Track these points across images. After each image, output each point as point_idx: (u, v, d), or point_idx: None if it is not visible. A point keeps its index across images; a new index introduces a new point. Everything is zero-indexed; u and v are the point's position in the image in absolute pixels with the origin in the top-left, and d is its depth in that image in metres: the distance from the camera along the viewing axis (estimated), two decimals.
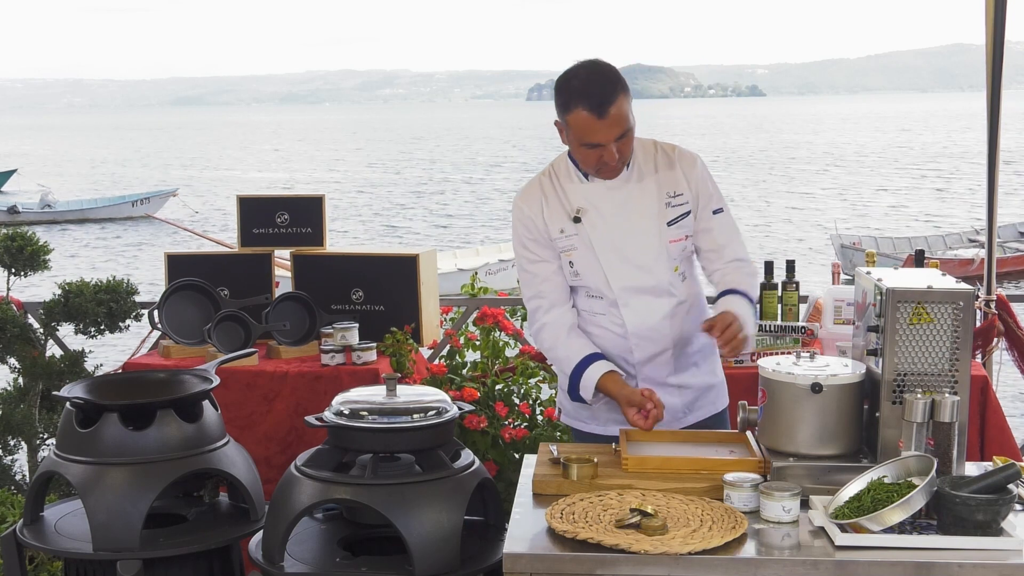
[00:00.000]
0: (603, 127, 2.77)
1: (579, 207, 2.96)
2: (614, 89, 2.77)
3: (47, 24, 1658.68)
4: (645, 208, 2.95)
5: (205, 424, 2.89)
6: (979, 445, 3.78)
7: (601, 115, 2.76)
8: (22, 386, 4.58)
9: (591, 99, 2.76)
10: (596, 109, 2.75)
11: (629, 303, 2.96)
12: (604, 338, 3.01)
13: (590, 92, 2.77)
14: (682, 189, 2.97)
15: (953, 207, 29.91)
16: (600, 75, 2.80)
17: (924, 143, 58.28)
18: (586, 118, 2.77)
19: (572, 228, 2.96)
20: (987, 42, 4.24)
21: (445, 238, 25.89)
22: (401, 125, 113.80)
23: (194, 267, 4.52)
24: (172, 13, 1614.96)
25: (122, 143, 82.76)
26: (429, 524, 2.51)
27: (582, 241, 2.96)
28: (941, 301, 2.46)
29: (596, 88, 2.77)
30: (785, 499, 2.33)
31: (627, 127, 2.80)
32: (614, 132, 2.79)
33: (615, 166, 2.88)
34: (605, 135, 2.79)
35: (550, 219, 2.98)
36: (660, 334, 2.99)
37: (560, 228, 2.97)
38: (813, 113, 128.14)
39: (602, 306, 3.00)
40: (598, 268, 2.96)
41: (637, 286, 2.96)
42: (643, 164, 2.97)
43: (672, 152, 3.01)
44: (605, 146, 2.80)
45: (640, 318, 2.97)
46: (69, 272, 18.56)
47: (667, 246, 2.96)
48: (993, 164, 4.37)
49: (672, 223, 2.96)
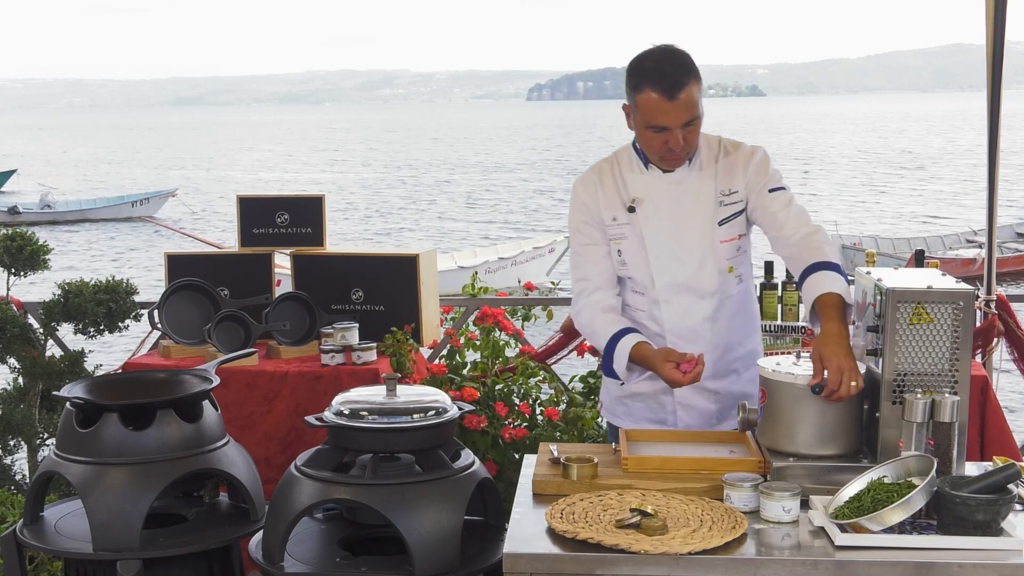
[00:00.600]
0: (672, 110, 2.75)
1: (635, 197, 2.94)
2: (687, 73, 2.75)
3: (47, 24, 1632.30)
4: (699, 205, 2.93)
5: (205, 424, 2.89)
6: (979, 445, 3.78)
7: (671, 97, 2.73)
8: (22, 386, 4.58)
9: (663, 81, 2.73)
10: (667, 91, 2.73)
11: (670, 301, 2.95)
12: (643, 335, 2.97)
13: (662, 73, 2.74)
14: (737, 186, 2.93)
15: (949, 208, 29.90)
16: (673, 58, 2.78)
17: (921, 144, 58.26)
18: (655, 100, 2.75)
19: (625, 217, 2.95)
20: (987, 42, 4.24)
21: (443, 238, 25.90)
22: (401, 125, 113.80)
23: (194, 267, 4.52)
24: (172, 13, 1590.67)
25: (122, 143, 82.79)
26: (429, 524, 2.51)
27: (633, 231, 2.94)
28: (941, 301, 2.46)
29: (668, 70, 2.74)
30: (785, 499, 2.33)
31: (695, 114, 2.78)
32: (682, 117, 2.76)
33: (679, 154, 2.84)
34: (673, 119, 2.76)
35: (604, 205, 2.97)
36: (699, 336, 2.96)
37: (613, 216, 2.96)
38: (812, 113, 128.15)
39: (642, 302, 2.99)
40: (645, 261, 2.94)
41: (680, 284, 2.94)
42: (705, 160, 2.95)
43: (735, 149, 2.98)
44: (671, 131, 2.78)
45: (679, 317, 2.95)
46: (69, 272, 18.57)
47: (717, 246, 2.93)
48: (993, 164, 4.37)
49: (723, 222, 2.93)
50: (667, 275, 2.94)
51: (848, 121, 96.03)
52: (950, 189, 34.98)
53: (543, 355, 4.56)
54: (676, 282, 2.94)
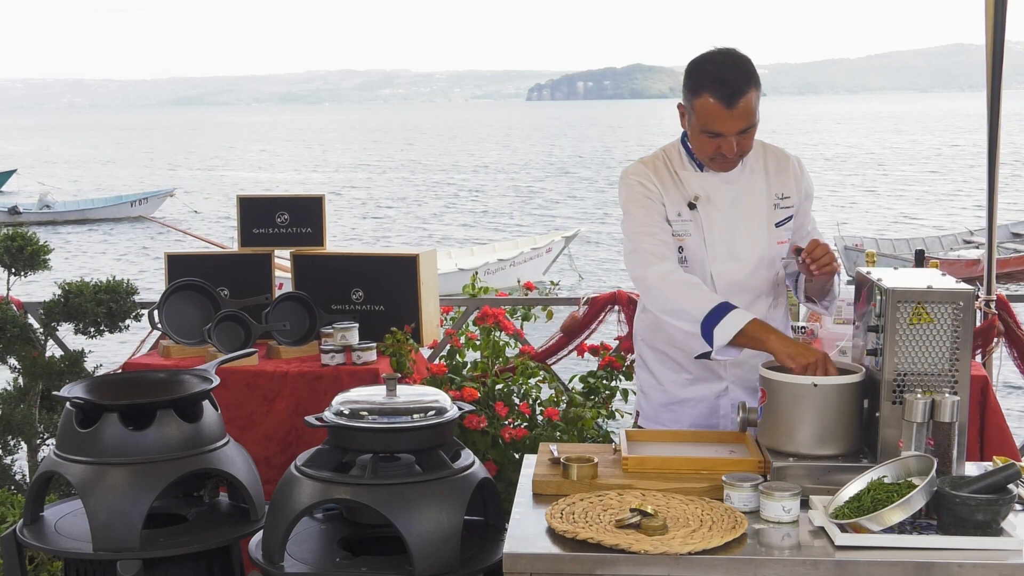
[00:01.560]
0: (729, 117, 2.74)
1: (696, 194, 2.92)
2: (747, 81, 2.74)
3: (47, 24, 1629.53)
4: (757, 206, 2.94)
5: (205, 424, 2.89)
6: (979, 445, 3.78)
7: (730, 105, 2.72)
8: (22, 386, 4.58)
9: (723, 87, 2.72)
10: (726, 98, 2.72)
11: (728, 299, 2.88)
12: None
13: (723, 80, 2.72)
14: (790, 192, 2.97)
15: (943, 209, 29.90)
16: (735, 64, 2.76)
17: (917, 144, 58.25)
18: (714, 106, 2.73)
19: (688, 214, 2.92)
20: (987, 42, 4.24)
21: (440, 238, 25.93)
22: (398, 125, 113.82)
23: (194, 267, 4.52)
24: (172, 13, 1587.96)
25: (122, 143, 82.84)
26: (429, 524, 2.51)
27: (696, 228, 2.92)
28: (941, 301, 2.46)
29: (730, 76, 2.73)
30: (785, 499, 2.33)
31: (752, 122, 2.78)
32: (739, 125, 2.75)
33: (732, 159, 2.84)
34: (729, 126, 2.75)
35: (668, 199, 2.93)
36: None
37: (677, 211, 2.92)
38: (812, 113, 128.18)
39: None
40: (705, 259, 2.92)
41: (739, 283, 2.93)
42: (754, 162, 2.96)
43: (781, 155, 3.01)
44: (726, 137, 2.77)
45: None
46: (69, 272, 18.58)
47: (774, 247, 2.95)
48: (993, 164, 4.37)
49: (780, 224, 2.96)
50: (726, 275, 2.93)
51: (843, 121, 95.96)
52: (943, 190, 34.97)
53: (543, 355, 4.56)
54: (735, 282, 2.93)
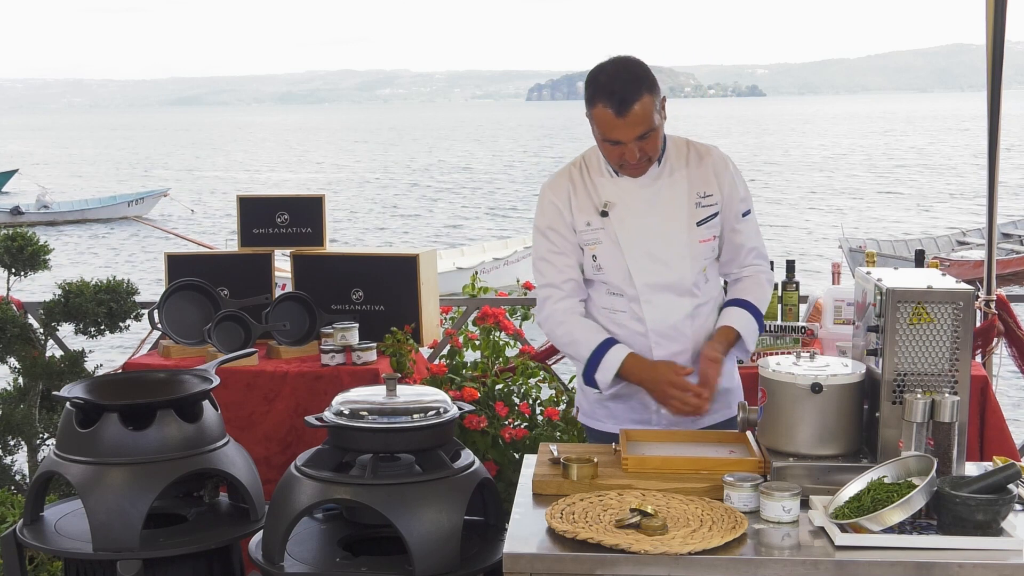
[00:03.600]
0: (623, 125, 2.77)
1: (607, 201, 2.95)
2: (638, 88, 2.76)
3: (47, 24, 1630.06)
4: (675, 206, 2.95)
5: (205, 424, 2.89)
6: (979, 445, 3.78)
7: (620, 113, 2.76)
8: (22, 386, 4.58)
9: (613, 96, 2.76)
10: (617, 107, 2.75)
11: (651, 300, 2.96)
12: (623, 336, 3.00)
13: (613, 90, 2.76)
14: (712, 190, 2.98)
15: (936, 209, 29.96)
16: (626, 72, 2.79)
17: (912, 145, 58.27)
18: (607, 115, 2.77)
19: (599, 222, 2.96)
20: (987, 42, 4.24)
21: (435, 239, 25.96)
22: (395, 126, 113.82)
23: (194, 267, 4.52)
24: (172, 13, 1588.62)
25: (121, 143, 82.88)
26: (429, 524, 2.51)
27: (608, 235, 2.95)
28: (941, 301, 2.46)
29: (619, 86, 2.76)
30: (785, 499, 2.33)
31: (650, 127, 2.79)
32: (635, 131, 2.78)
33: (636, 164, 2.87)
34: (625, 133, 2.79)
35: (577, 210, 2.98)
36: (680, 333, 2.99)
37: (587, 221, 2.97)
38: (812, 113, 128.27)
39: (623, 303, 2.99)
40: (622, 264, 2.95)
41: (660, 283, 2.95)
42: (675, 161, 2.98)
43: (705, 152, 3.01)
44: (625, 144, 2.81)
45: (661, 316, 2.97)
46: (69, 272, 18.59)
47: (696, 245, 2.96)
48: (993, 164, 4.37)
49: (701, 223, 2.96)
50: (646, 275, 2.95)
51: (838, 122, 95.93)
52: (937, 191, 34.98)
53: (543, 355, 4.55)
54: (656, 282, 2.96)
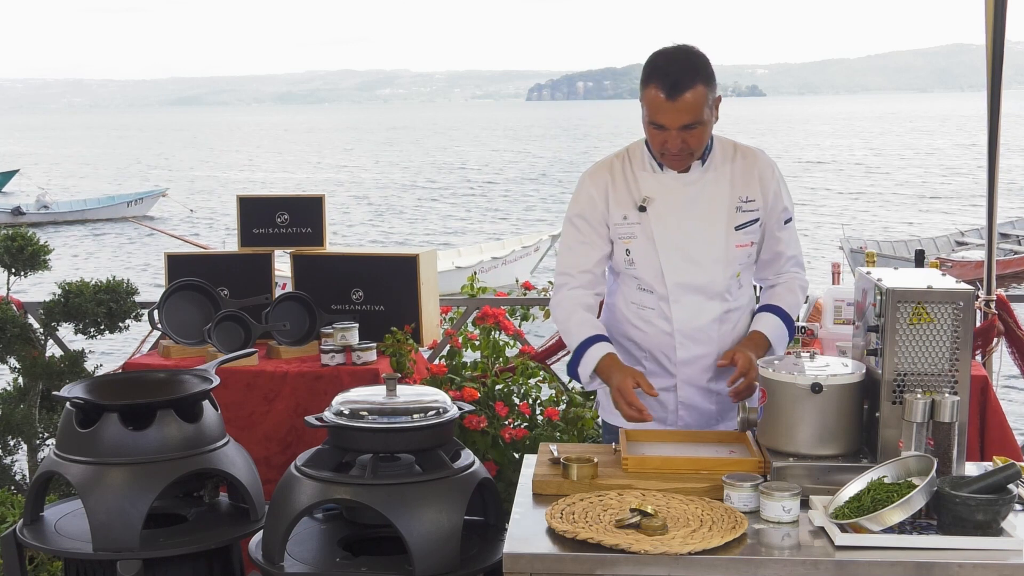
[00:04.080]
0: (671, 110, 2.74)
1: (647, 196, 2.93)
2: (694, 76, 2.74)
3: (47, 24, 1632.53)
4: (715, 208, 2.93)
5: (205, 424, 2.89)
6: (979, 445, 3.78)
7: (671, 97, 2.73)
8: (22, 386, 4.58)
9: (666, 79, 2.73)
10: (668, 90, 2.73)
11: (680, 300, 2.95)
12: (648, 333, 3.00)
13: (668, 72, 2.74)
14: (755, 195, 2.95)
15: (931, 211, 30.02)
16: (684, 59, 2.77)
17: (911, 145, 58.28)
18: (656, 96, 2.75)
19: (636, 216, 2.94)
20: (987, 42, 4.24)
21: (423, 239, 26.00)
22: (398, 126, 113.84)
23: (194, 267, 4.52)
24: (172, 13, 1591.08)
25: (121, 143, 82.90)
26: (429, 524, 2.51)
27: (644, 231, 2.93)
28: (941, 301, 2.46)
29: (675, 69, 2.74)
30: (785, 499, 2.33)
31: (697, 119, 2.77)
32: (681, 119, 2.75)
33: (677, 155, 2.84)
34: (671, 119, 2.76)
35: (614, 203, 2.96)
36: (707, 336, 2.97)
37: (623, 215, 2.95)
38: (812, 113, 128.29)
39: (652, 300, 2.98)
40: (655, 260, 2.93)
41: (691, 284, 2.94)
42: (720, 164, 2.95)
43: (752, 156, 2.99)
44: (669, 130, 2.78)
45: (689, 317, 2.96)
46: (69, 271, 18.60)
47: (732, 250, 2.94)
48: (993, 164, 4.37)
49: (740, 227, 2.94)
50: (678, 275, 2.94)
51: (834, 122, 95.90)
52: (930, 192, 35.01)
53: (543, 355, 4.56)
54: (686, 282, 2.94)
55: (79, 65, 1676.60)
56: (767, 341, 2.97)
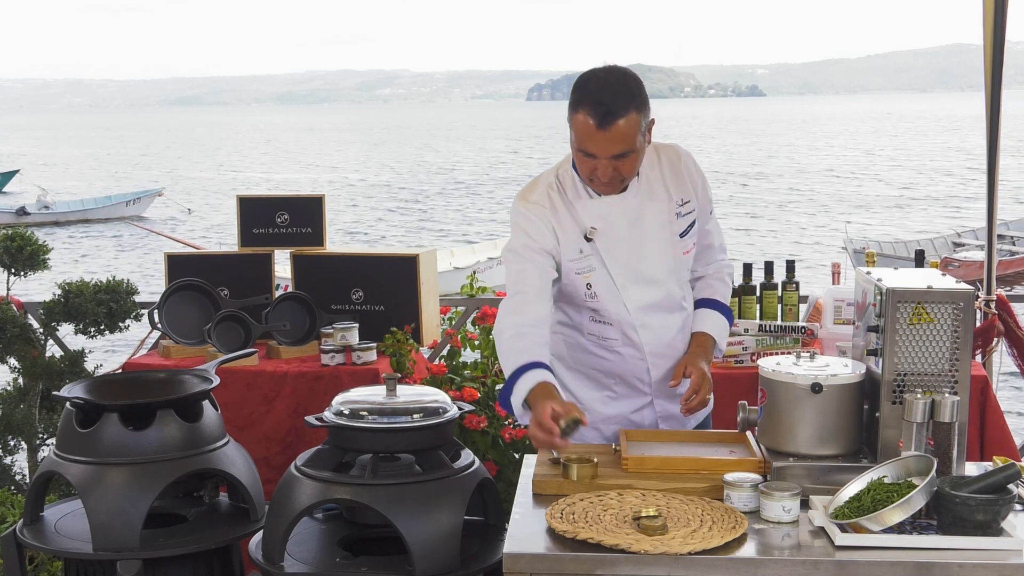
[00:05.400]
0: (602, 139, 2.61)
1: (591, 225, 2.79)
2: (627, 104, 2.60)
3: (47, 24, 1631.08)
4: (658, 222, 2.83)
5: (205, 424, 2.89)
6: (979, 445, 3.78)
7: (602, 126, 2.59)
8: (22, 386, 4.58)
9: (598, 107, 2.59)
10: (599, 119, 2.59)
11: (647, 323, 2.85)
12: (616, 361, 2.90)
13: (599, 100, 2.60)
14: (689, 196, 2.86)
15: (926, 212, 30.06)
16: (618, 84, 2.62)
17: (909, 146, 58.29)
18: (587, 124, 2.61)
19: (588, 248, 2.80)
20: (986, 42, 4.23)
21: (416, 240, 26.02)
22: (396, 126, 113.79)
23: (194, 267, 4.52)
24: (172, 13, 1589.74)
25: (121, 143, 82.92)
26: (429, 524, 2.51)
27: (598, 261, 2.81)
28: (941, 301, 2.46)
29: (607, 96, 2.59)
30: (785, 499, 2.33)
31: (629, 148, 2.64)
32: (612, 148, 2.63)
33: (607, 183, 2.71)
34: (602, 148, 2.63)
35: (564, 239, 2.79)
36: (674, 349, 2.91)
37: (578, 248, 2.80)
38: (813, 114, 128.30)
39: (613, 331, 2.87)
40: (614, 289, 2.82)
41: (652, 304, 2.85)
42: (650, 174, 2.84)
43: (674, 155, 2.88)
44: (599, 159, 2.65)
45: (657, 336, 2.88)
46: (70, 272, 18.61)
47: (680, 258, 2.87)
48: (993, 164, 4.36)
49: (684, 234, 2.86)
50: (638, 299, 2.84)
51: (829, 122, 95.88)
52: (924, 193, 35.04)
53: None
54: (648, 303, 2.85)
55: (79, 65, 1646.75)
56: (712, 340, 2.94)
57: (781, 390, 2.54)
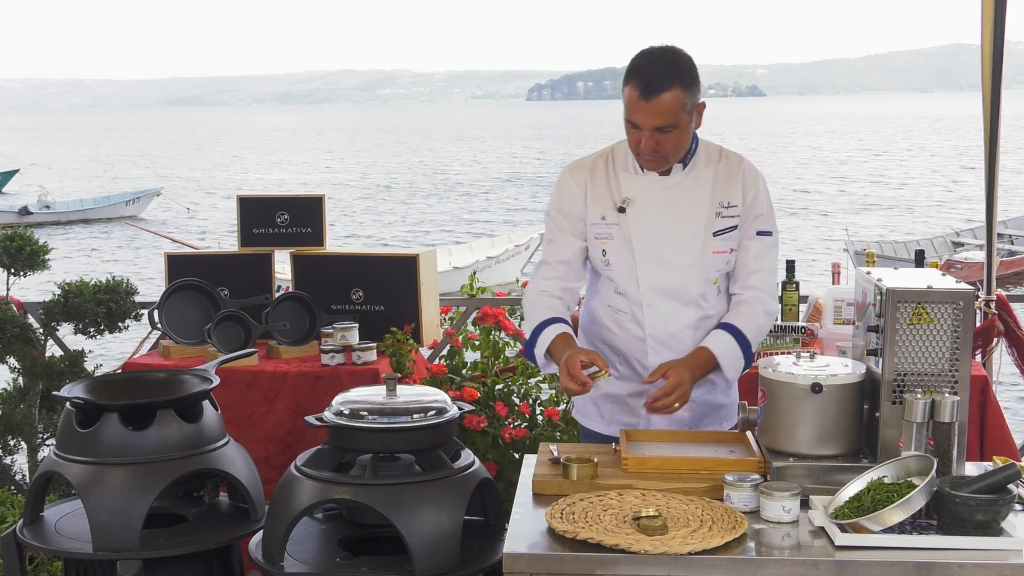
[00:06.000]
0: (644, 110, 2.72)
1: (627, 197, 2.89)
2: (672, 78, 2.71)
3: (47, 24, 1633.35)
4: (694, 212, 2.88)
5: (205, 424, 2.89)
6: (979, 445, 3.78)
7: (644, 96, 2.71)
8: (22, 386, 4.58)
9: (642, 79, 2.72)
10: (643, 89, 2.71)
11: (654, 305, 2.90)
12: (621, 337, 2.96)
13: (645, 72, 2.72)
14: (736, 201, 2.89)
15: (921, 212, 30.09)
16: (665, 61, 2.75)
17: (908, 146, 58.28)
18: (632, 95, 2.74)
19: (614, 217, 2.90)
20: (986, 42, 4.23)
21: (411, 239, 26.05)
22: (394, 126, 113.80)
23: (194, 267, 4.52)
24: (172, 13, 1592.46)
25: (121, 143, 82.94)
26: (429, 524, 2.51)
27: (621, 232, 2.89)
28: (941, 301, 2.46)
29: (652, 70, 2.72)
30: (785, 499, 2.33)
31: (671, 122, 2.73)
32: (655, 120, 2.73)
33: (650, 156, 2.81)
34: (644, 119, 2.74)
35: (592, 202, 2.93)
36: (680, 342, 2.92)
37: (601, 215, 2.91)
38: (813, 114, 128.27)
39: (625, 304, 2.94)
40: (631, 263, 2.89)
41: (665, 289, 2.89)
42: (703, 167, 2.90)
43: (736, 163, 2.93)
44: (643, 130, 2.75)
45: (662, 322, 2.91)
46: (68, 271, 18.62)
47: (709, 256, 2.89)
48: (993, 164, 4.36)
49: (718, 233, 2.89)
50: (651, 279, 2.89)
51: (834, 122, 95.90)
52: (927, 192, 35.05)
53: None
54: (660, 287, 2.89)
55: (79, 65, 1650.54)
56: (714, 360, 2.85)
57: (781, 390, 2.54)
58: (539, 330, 2.91)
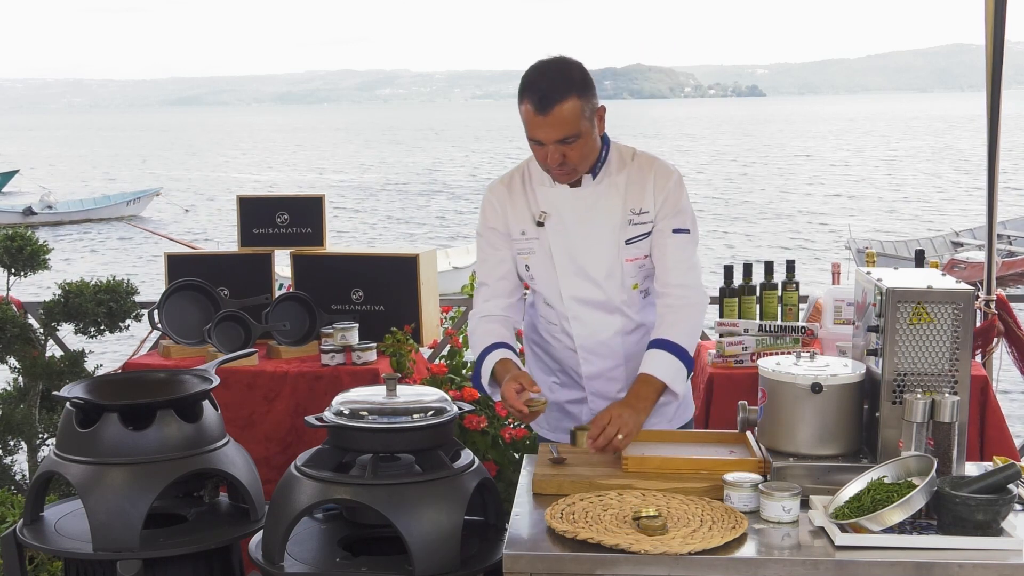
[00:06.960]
0: (543, 124, 2.68)
1: (543, 211, 2.89)
2: (566, 89, 2.67)
3: (47, 24, 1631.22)
4: (607, 221, 2.86)
5: (205, 424, 2.89)
6: (979, 445, 3.78)
7: (541, 111, 2.67)
8: (22, 386, 4.58)
9: (536, 93, 2.67)
10: (538, 104, 2.66)
11: (579, 316, 2.91)
12: (556, 347, 2.99)
13: (538, 86, 2.68)
14: (648, 207, 2.85)
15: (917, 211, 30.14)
16: (556, 73, 2.69)
17: (906, 146, 58.29)
18: (529, 112, 2.69)
19: (534, 231, 2.90)
20: (987, 42, 4.24)
21: (407, 239, 26.07)
22: (393, 126, 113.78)
23: (194, 267, 4.52)
24: (172, 13, 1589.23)
25: (121, 143, 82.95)
26: (429, 524, 2.50)
27: (541, 246, 2.89)
28: (941, 301, 2.46)
29: (545, 84, 2.67)
30: (785, 499, 2.33)
31: (573, 132, 2.69)
32: (555, 133, 2.68)
33: (558, 170, 2.77)
34: (545, 134, 2.69)
35: (512, 218, 2.92)
36: (611, 349, 2.93)
37: (522, 230, 2.91)
38: (811, 113, 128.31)
39: (554, 316, 2.96)
40: (553, 276, 2.90)
41: (587, 299, 2.89)
42: (615, 174, 2.87)
43: (648, 165, 2.88)
44: (546, 145, 2.71)
45: (589, 332, 2.91)
46: (68, 271, 18.61)
47: (622, 264, 2.87)
48: (993, 164, 4.37)
49: (631, 241, 2.86)
50: (574, 290, 2.89)
51: (834, 122, 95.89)
52: (926, 192, 35.07)
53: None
54: (583, 298, 2.89)
55: (79, 65, 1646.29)
56: (656, 384, 2.73)
57: (781, 390, 2.54)
58: (481, 358, 2.89)
